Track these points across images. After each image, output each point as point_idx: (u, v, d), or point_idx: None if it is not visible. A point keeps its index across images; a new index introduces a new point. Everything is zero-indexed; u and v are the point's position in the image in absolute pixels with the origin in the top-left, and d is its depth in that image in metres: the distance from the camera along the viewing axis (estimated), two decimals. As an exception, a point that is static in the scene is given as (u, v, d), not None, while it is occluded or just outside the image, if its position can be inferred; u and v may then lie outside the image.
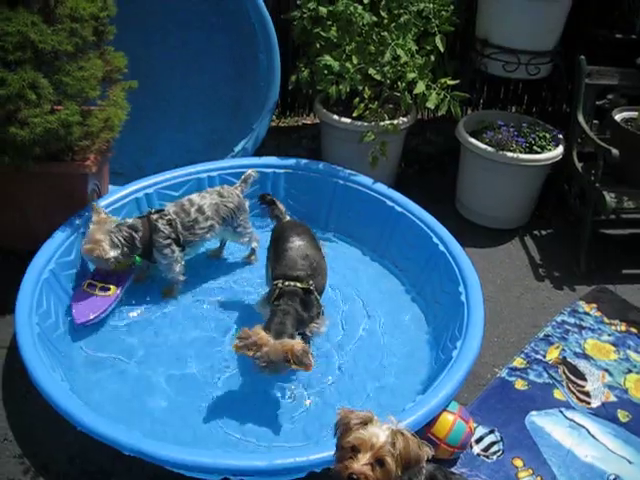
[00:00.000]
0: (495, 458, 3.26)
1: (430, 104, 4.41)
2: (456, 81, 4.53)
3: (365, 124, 4.64)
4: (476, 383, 3.64)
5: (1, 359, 3.65)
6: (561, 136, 4.84)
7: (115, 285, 3.85)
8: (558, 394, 3.64)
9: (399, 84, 4.61)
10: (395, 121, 4.70)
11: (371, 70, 4.47)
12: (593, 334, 4.06)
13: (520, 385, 3.67)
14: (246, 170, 4.29)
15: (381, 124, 4.62)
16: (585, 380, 3.75)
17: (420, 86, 4.38)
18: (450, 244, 3.99)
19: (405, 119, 4.81)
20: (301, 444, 3.17)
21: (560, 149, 4.71)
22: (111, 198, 4.22)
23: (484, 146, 4.63)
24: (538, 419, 3.49)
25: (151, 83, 4.71)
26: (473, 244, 4.63)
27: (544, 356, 3.87)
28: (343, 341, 3.75)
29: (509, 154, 4.55)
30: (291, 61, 5.14)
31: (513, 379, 3.71)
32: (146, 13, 4.67)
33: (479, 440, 3.35)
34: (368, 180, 4.52)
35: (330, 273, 3.80)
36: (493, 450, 3.31)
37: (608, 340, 4.02)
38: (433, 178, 5.49)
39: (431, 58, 4.52)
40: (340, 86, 4.46)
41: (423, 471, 2.39)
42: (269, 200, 4.03)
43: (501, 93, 6.05)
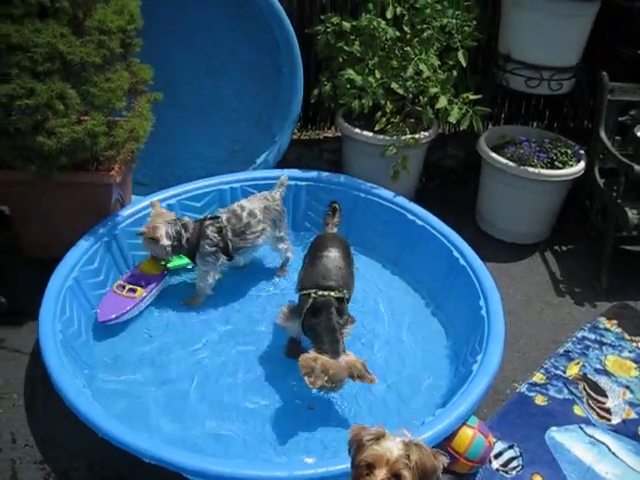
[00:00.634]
0: (514, 474, 3.24)
1: (452, 119, 4.42)
2: (478, 96, 4.55)
3: (387, 138, 4.65)
4: (495, 398, 3.63)
5: (23, 365, 3.68)
6: (583, 152, 4.83)
7: (143, 288, 3.90)
8: (578, 410, 3.62)
9: (421, 98, 4.63)
10: (417, 135, 4.71)
11: (394, 84, 4.49)
12: (614, 350, 4.03)
13: (540, 400, 3.66)
14: (267, 182, 4.36)
15: (403, 138, 4.63)
16: (606, 397, 3.72)
17: (442, 101, 4.39)
18: (471, 258, 3.99)
19: (427, 133, 4.82)
20: (320, 455, 3.17)
21: (582, 165, 4.71)
22: (134, 208, 4.25)
23: (505, 161, 4.63)
24: (558, 435, 3.47)
25: (175, 95, 4.77)
26: (493, 258, 4.61)
27: (564, 372, 3.85)
28: (363, 353, 3.73)
29: (530, 169, 4.55)
30: (314, 75, 5.16)
31: (533, 394, 3.69)
32: (172, 27, 4.72)
33: (498, 455, 3.33)
34: (389, 193, 4.54)
35: (351, 286, 3.82)
36: (512, 465, 3.29)
37: (629, 357, 4.00)
38: (454, 192, 5.50)
39: (453, 73, 4.54)
40: (363, 100, 4.48)
41: (440, 480, 2.40)
42: (333, 207, 4.06)
43: (522, 108, 6.04)
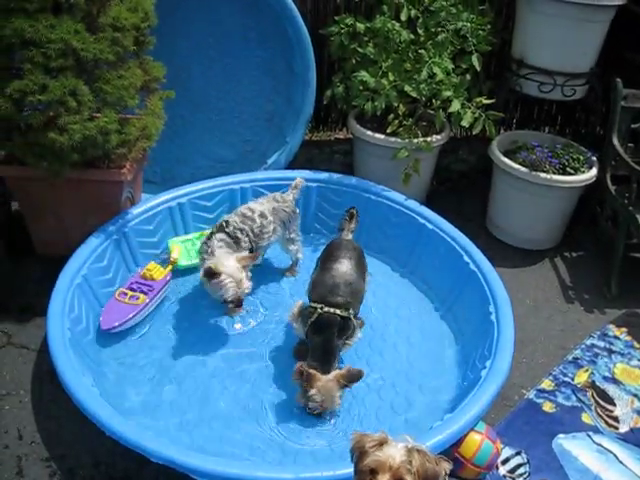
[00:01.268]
0: (521, 480, 3.25)
1: (465, 123, 4.40)
2: (491, 100, 4.54)
3: (399, 140, 4.65)
4: (503, 404, 3.61)
5: (31, 362, 3.69)
6: (595, 158, 4.82)
7: (145, 294, 3.87)
8: (586, 418, 3.60)
9: (434, 102, 4.62)
10: (429, 138, 4.70)
11: (407, 87, 4.47)
12: (623, 358, 4.01)
13: (548, 407, 3.64)
14: (278, 182, 4.36)
15: (415, 141, 4.62)
16: (614, 405, 3.70)
17: (455, 104, 4.38)
18: (481, 263, 3.97)
19: (439, 137, 4.82)
20: (327, 458, 3.16)
21: (594, 171, 4.69)
22: (144, 206, 4.26)
23: (517, 166, 4.61)
24: (565, 442, 3.45)
25: (187, 93, 4.80)
26: (503, 263, 4.60)
27: (572, 379, 3.83)
28: (370, 357, 3.74)
29: (542, 175, 4.53)
30: (326, 76, 5.16)
31: (541, 401, 3.67)
32: (186, 26, 4.73)
33: (505, 461, 3.31)
34: (400, 196, 4.52)
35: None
36: (519, 472, 3.27)
37: (638, 365, 3.97)
38: (465, 196, 5.48)
39: (467, 77, 4.54)
40: (375, 102, 4.46)
41: (442, 486, 2.39)
42: (351, 213, 4.04)
43: (534, 113, 6.03)
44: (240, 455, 3.15)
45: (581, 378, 3.85)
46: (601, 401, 3.72)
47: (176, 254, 4.23)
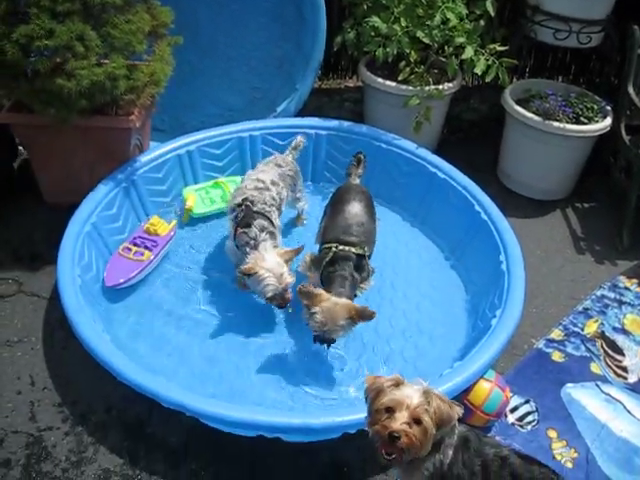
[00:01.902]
0: (530, 428, 3.26)
1: (478, 70, 4.33)
2: (505, 47, 4.45)
3: (410, 88, 4.58)
4: (513, 353, 3.62)
5: (42, 309, 3.71)
6: (609, 108, 4.74)
7: (150, 251, 3.84)
8: (595, 368, 3.61)
9: (446, 49, 4.55)
10: (440, 86, 4.64)
11: (419, 33, 4.39)
12: (633, 309, 4.00)
13: (557, 357, 3.65)
14: (288, 130, 4.30)
15: (426, 89, 4.56)
16: (623, 355, 3.71)
17: (468, 51, 4.30)
18: (492, 213, 3.94)
19: (450, 84, 4.75)
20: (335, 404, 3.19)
21: (608, 121, 4.62)
22: (153, 154, 4.23)
23: (530, 115, 4.54)
24: (574, 391, 3.46)
25: (195, 39, 4.72)
26: (514, 214, 4.55)
27: (582, 329, 3.83)
28: (381, 305, 3.73)
29: (555, 124, 4.47)
30: (337, 22, 5.04)
31: (550, 350, 3.68)
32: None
33: (514, 409, 3.34)
34: (411, 145, 4.47)
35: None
36: (528, 420, 3.30)
37: (648, 316, 3.98)
38: (476, 146, 5.41)
39: (480, 23, 4.44)
40: (387, 48, 4.39)
41: (455, 430, 2.42)
42: (358, 158, 4.00)
43: (548, 62, 5.93)
44: (249, 403, 3.16)
45: (591, 328, 3.85)
46: (610, 351, 3.72)
47: (191, 202, 4.23)
